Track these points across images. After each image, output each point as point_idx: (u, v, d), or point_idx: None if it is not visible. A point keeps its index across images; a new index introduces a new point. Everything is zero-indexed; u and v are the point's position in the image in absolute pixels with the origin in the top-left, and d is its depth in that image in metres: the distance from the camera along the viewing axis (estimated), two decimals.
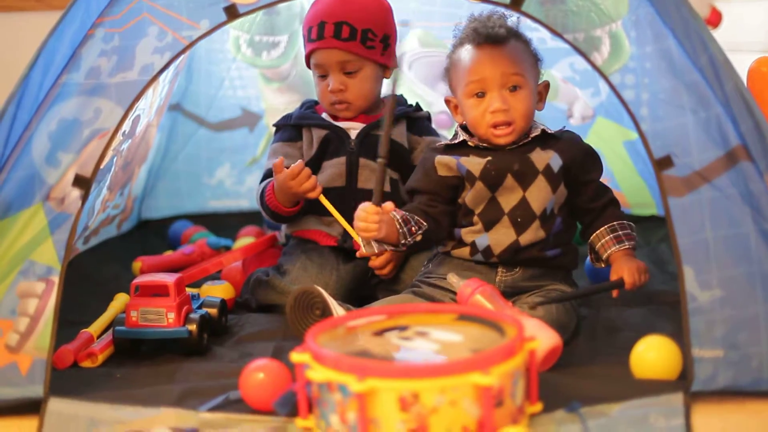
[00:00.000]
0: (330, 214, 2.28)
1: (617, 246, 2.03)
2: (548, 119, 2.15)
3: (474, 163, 2.05)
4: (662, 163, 1.73)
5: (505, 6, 1.80)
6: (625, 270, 1.99)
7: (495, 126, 2.04)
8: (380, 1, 2.37)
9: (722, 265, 1.70)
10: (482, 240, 2.07)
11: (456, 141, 2.10)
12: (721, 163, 1.71)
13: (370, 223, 2.00)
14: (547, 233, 2.05)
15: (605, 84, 1.84)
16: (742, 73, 1.85)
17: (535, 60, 2.10)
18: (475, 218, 2.07)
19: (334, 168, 2.34)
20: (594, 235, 2.07)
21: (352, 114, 2.37)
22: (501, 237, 2.05)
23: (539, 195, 2.04)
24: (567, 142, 2.08)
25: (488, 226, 2.06)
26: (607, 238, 2.04)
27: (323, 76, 2.34)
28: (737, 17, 2.84)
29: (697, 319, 1.69)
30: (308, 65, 2.39)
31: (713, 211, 1.71)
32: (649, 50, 1.77)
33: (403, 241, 2.05)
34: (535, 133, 2.06)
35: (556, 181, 2.05)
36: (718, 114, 1.72)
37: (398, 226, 2.03)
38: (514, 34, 2.07)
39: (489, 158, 2.05)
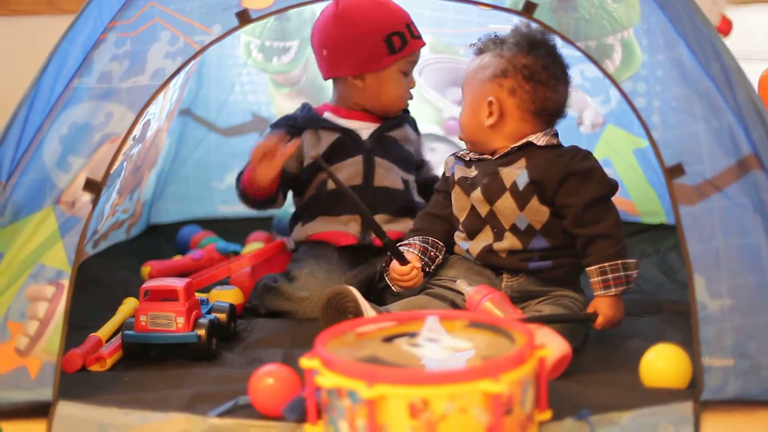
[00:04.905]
0: (346, 212, 2.35)
1: (603, 291, 1.96)
2: (559, 127, 2.14)
3: (460, 168, 2.13)
4: (673, 172, 1.73)
5: (517, 13, 1.80)
6: (603, 312, 1.97)
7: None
8: None
9: (733, 274, 1.70)
10: (464, 244, 2.12)
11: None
12: (733, 172, 1.71)
13: (410, 278, 2.10)
14: (524, 244, 2.04)
15: (616, 92, 1.84)
16: (753, 82, 1.85)
17: (496, 73, 2.08)
18: (461, 226, 2.11)
19: (351, 167, 2.38)
20: (587, 270, 2.00)
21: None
22: (479, 242, 2.09)
23: (505, 211, 2.04)
24: (550, 159, 2.03)
25: (471, 235, 2.10)
26: (596, 279, 1.97)
27: (406, 74, 2.41)
28: (748, 26, 2.84)
29: (707, 328, 1.69)
30: (362, 70, 2.37)
31: (724, 220, 1.71)
32: (661, 58, 1.77)
33: (427, 270, 2.13)
34: (516, 144, 2.06)
35: (522, 198, 2.03)
36: (729, 122, 1.71)
37: (420, 260, 2.11)
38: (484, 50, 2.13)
39: (474, 168, 2.10)
